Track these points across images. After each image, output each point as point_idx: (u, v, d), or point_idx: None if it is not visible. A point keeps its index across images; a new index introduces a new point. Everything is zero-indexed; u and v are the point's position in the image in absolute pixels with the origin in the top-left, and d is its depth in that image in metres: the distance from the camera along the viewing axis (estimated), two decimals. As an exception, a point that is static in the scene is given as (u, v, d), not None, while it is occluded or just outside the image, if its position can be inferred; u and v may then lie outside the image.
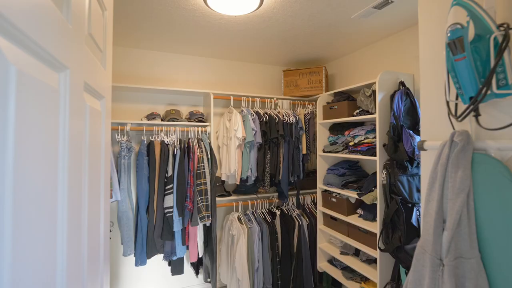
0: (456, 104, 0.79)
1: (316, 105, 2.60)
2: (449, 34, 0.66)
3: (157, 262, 2.55)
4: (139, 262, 2.18)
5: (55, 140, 0.44)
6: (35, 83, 0.37)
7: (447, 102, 0.77)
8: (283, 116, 2.56)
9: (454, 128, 0.78)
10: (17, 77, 0.31)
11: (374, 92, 2.00)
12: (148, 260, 2.23)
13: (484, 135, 0.73)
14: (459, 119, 0.71)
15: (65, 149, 0.49)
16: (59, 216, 0.48)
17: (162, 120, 2.43)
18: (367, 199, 1.97)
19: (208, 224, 2.29)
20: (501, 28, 0.64)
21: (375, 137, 1.99)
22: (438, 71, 0.87)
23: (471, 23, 0.64)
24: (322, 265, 2.55)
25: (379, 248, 1.87)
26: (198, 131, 2.46)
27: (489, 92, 0.64)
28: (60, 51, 0.46)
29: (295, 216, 2.64)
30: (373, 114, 2.00)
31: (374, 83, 1.97)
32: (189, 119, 2.49)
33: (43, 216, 0.41)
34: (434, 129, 0.88)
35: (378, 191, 1.89)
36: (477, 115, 0.69)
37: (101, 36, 0.78)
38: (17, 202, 0.32)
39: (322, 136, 2.56)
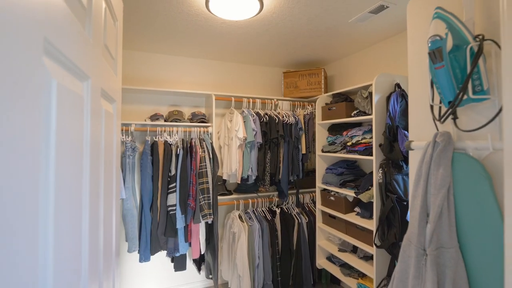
0: (440, 108, 0.85)
1: (315, 106, 2.66)
2: (429, 45, 0.72)
3: (161, 259, 2.62)
4: (143, 258, 2.25)
5: (81, 139, 0.51)
6: (68, 92, 0.44)
7: (431, 106, 0.83)
8: (283, 117, 2.63)
9: (438, 130, 0.85)
10: (57, 89, 0.38)
11: (370, 93, 2.06)
12: (151, 257, 2.30)
13: (464, 136, 0.80)
14: (440, 121, 0.78)
15: (87, 147, 0.56)
16: (83, 209, 0.55)
17: (165, 120, 2.50)
18: (364, 197, 2.04)
19: (210, 222, 2.36)
20: (477, 39, 0.70)
21: (372, 137, 2.06)
22: (425, 77, 0.93)
23: (450, 34, 0.70)
24: (321, 262, 2.61)
25: (375, 244, 1.93)
26: (200, 132, 2.53)
27: (465, 97, 0.70)
28: (84, 64, 0.53)
29: (294, 215, 2.70)
30: (369, 115, 2.07)
31: (371, 85, 2.03)
32: (191, 120, 2.56)
33: (74, 207, 0.48)
34: (421, 130, 0.95)
35: (375, 189, 1.95)
36: (455, 117, 0.76)
37: (113, 45, 0.85)
38: (58, 190, 0.39)
39: (321, 136, 2.63)
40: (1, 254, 0.26)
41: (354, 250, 2.39)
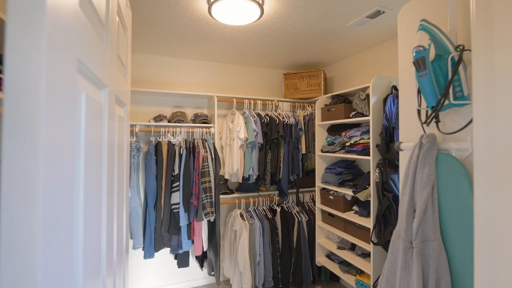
0: (427, 111, 0.91)
1: (315, 107, 2.73)
2: (414, 54, 0.79)
3: (164, 256, 2.69)
4: (148, 255, 2.33)
5: (100, 141, 0.58)
6: (92, 101, 0.51)
7: (418, 111, 0.90)
8: (283, 118, 2.69)
9: (425, 132, 0.91)
10: (86, 100, 0.45)
11: (368, 95, 2.12)
12: (156, 253, 2.37)
13: (448, 138, 0.86)
14: (425, 124, 0.84)
15: (105, 147, 0.63)
16: (102, 205, 0.62)
17: (168, 121, 2.57)
18: (361, 196, 2.10)
19: (212, 220, 2.43)
20: (458, 49, 0.76)
21: (369, 138, 2.11)
22: (414, 82, 0.99)
23: (432, 45, 0.76)
24: (321, 259, 2.67)
25: (372, 242, 1.99)
26: (202, 132, 2.60)
27: (447, 102, 0.77)
28: (102, 74, 0.60)
29: (294, 213, 2.77)
30: (367, 116, 2.13)
31: (368, 87, 2.09)
32: (194, 121, 2.63)
33: (96, 203, 0.55)
34: (410, 132, 1.01)
35: (372, 188, 2.01)
36: (437, 121, 0.82)
37: (124, 53, 0.92)
38: (86, 186, 0.46)
39: (321, 137, 2.69)
40: (50, 241, 0.33)
41: (353, 247, 2.45)
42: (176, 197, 2.33)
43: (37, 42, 0.29)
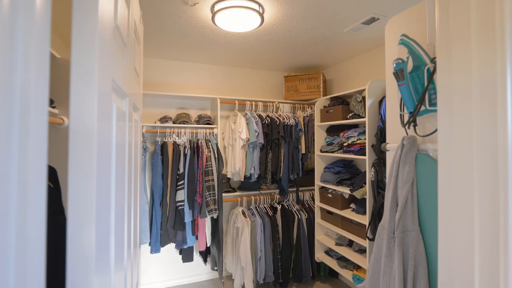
0: (409, 116, 1.01)
1: (314, 108, 2.83)
2: (394, 66, 0.89)
3: (169, 253, 2.80)
4: (154, 250, 2.44)
5: (124, 142, 0.69)
6: (119, 110, 0.61)
7: (400, 115, 1.00)
8: (284, 119, 2.79)
9: (407, 134, 1.01)
10: (116, 111, 0.56)
11: (364, 98, 2.22)
12: (161, 249, 2.49)
13: (427, 139, 0.96)
14: (404, 127, 0.94)
15: (126, 148, 0.74)
16: (125, 201, 0.72)
17: (173, 123, 2.69)
18: (357, 194, 2.20)
19: (215, 217, 2.54)
20: (434, 61, 0.86)
21: (366, 139, 2.21)
22: (397, 89, 1.09)
23: (410, 58, 0.86)
24: (320, 255, 2.77)
25: (368, 238, 2.08)
26: (206, 133, 2.71)
27: (423, 108, 0.87)
28: (124, 86, 0.71)
29: (295, 211, 2.87)
30: (363, 118, 2.22)
31: (365, 89, 2.18)
32: (198, 122, 2.74)
33: (121, 199, 0.65)
34: (395, 134, 1.11)
35: (367, 187, 2.11)
36: (415, 125, 0.92)
37: (138, 64, 1.03)
38: (116, 185, 0.57)
39: (320, 137, 2.79)
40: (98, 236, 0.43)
41: (350, 244, 2.55)
42: (181, 195, 2.44)
43: (92, 76, 0.39)
